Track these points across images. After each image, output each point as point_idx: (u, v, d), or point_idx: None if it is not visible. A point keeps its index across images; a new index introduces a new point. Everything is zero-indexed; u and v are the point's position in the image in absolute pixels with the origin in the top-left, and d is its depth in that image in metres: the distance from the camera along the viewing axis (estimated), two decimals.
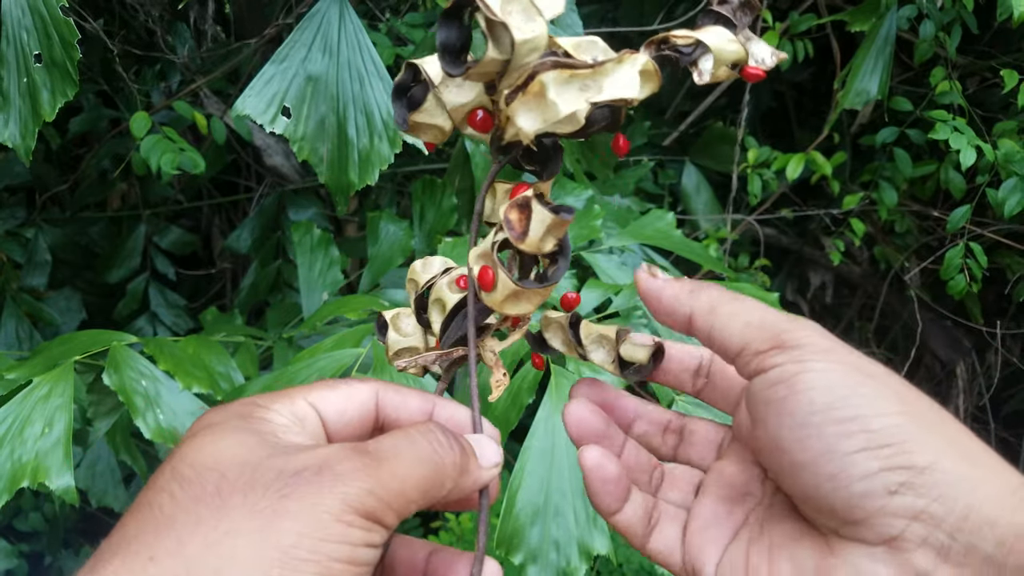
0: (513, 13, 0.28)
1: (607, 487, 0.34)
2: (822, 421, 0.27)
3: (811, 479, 0.28)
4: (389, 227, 1.04)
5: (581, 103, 0.28)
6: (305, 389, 0.32)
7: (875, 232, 1.55)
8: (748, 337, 0.30)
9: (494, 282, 0.33)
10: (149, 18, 1.17)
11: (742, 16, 0.31)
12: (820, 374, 0.28)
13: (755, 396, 0.30)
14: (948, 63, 1.22)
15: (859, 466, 0.27)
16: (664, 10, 1.44)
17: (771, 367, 0.29)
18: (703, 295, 0.32)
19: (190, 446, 0.28)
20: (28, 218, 1.25)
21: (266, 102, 0.84)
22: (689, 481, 0.37)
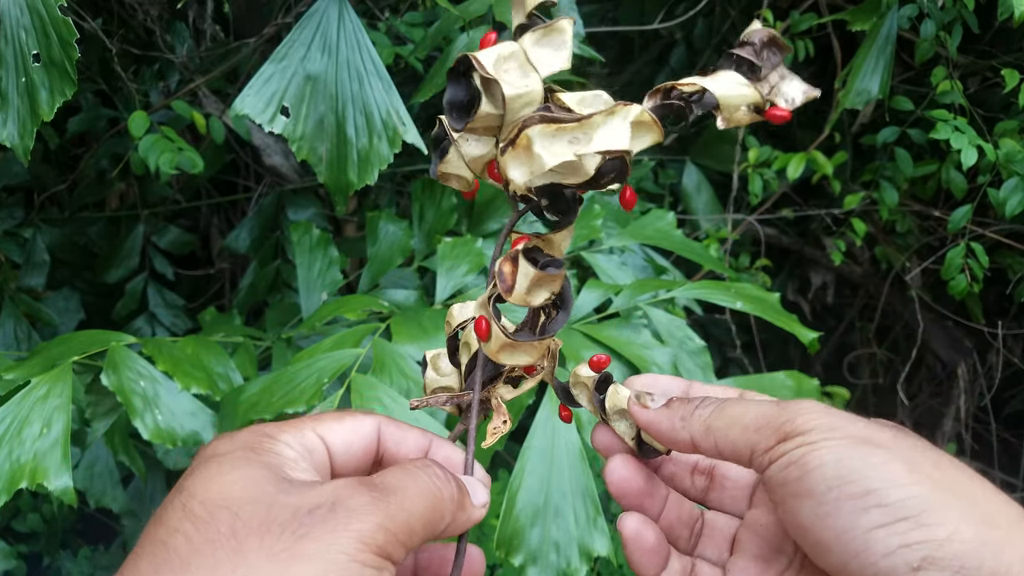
0: (510, 70, 0.30)
1: (646, 556, 0.35)
2: (838, 497, 0.27)
3: (838, 558, 0.28)
4: (388, 227, 1.04)
5: (570, 155, 0.29)
6: (313, 419, 0.32)
7: (876, 232, 1.55)
8: (752, 441, 0.30)
9: (488, 333, 0.33)
10: (148, 17, 1.17)
11: (770, 56, 0.31)
12: (828, 450, 0.28)
13: (771, 481, 0.30)
14: (949, 62, 1.21)
15: (880, 543, 0.26)
16: (664, 9, 1.44)
17: (782, 455, 0.29)
18: (695, 420, 0.33)
19: (200, 478, 0.28)
20: (26, 218, 1.25)
21: (265, 101, 0.83)
22: (725, 536, 0.37)
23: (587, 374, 0.37)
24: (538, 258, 0.32)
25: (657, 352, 0.79)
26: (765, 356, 1.59)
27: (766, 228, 1.55)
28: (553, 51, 0.32)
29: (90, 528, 1.55)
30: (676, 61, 1.63)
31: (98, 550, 1.52)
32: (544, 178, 0.30)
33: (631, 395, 0.35)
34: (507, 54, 0.30)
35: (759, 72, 0.30)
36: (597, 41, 1.62)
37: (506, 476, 1.27)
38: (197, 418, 0.77)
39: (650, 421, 0.34)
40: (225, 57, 1.20)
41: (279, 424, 0.31)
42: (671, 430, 0.33)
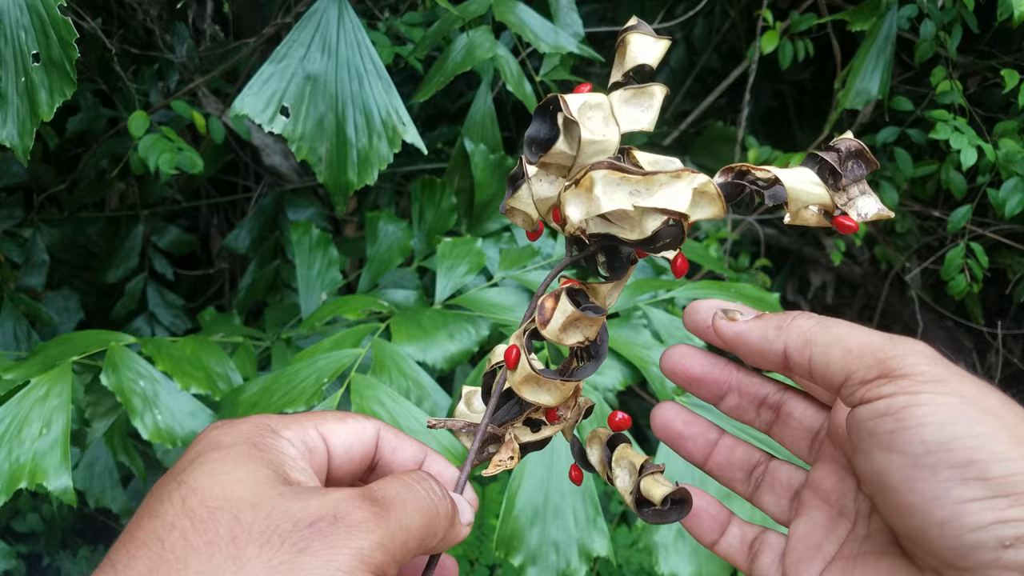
0: (593, 118, 0.31)
1: (694, 521, 0.36)
2: (936, 463, 0.26)
3: (918, 523, 0.27)
4: (388, 227, 1.04)
5: (627, 204, 0.29)
6: (317, 417, 0.32)
7: (876, 232, 1.55)
8: (851, 367, 0.29)
9: (516, 362, 0.34)
10: (147, 17, 1.17)
11: (854, 167, 0.30)
12: (932, 408, 0.26)
13: (859, 426, 0.28)
14: (949, 63, 1.21)
15: (973, 516, 0.25)
16: (664, 9, 1.44)
17: (878, 398, 0.28)
18: (794, 328, 0.31)
19: (200, 473, 0.27)
20: (26, 218, 1.25)
21: (265, 101, 0.83)
22: (787, 485, 0.35)
23: (605, 431, 0.38)
24: (580, 300, 0.33)
25: (657, 352, 0.79)
26: None
27: (766, 228, 1.55)
28: (640, 111, 0.33)
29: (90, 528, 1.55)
30: (675, 61, 1.63)
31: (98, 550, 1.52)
32: (601, 225, 0.31)
33: (716, 311, 0.33)
34: (594, 103, 0.31)
35: (839, 180, 0.30)
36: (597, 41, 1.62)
37: (506, 476, 1.27)
38: (197, 418, 0.77)
39: (739, 332, 0.32)
40: (225, 57, 1.20)
41: (282, 418, 0.31)
42: (763, 339, 0.31)
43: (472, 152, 1.03)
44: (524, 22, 0.98)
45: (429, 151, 0.92)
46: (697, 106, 1.52)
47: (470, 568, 1.23)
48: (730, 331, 0.33)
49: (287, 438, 0.30)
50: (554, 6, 1.10)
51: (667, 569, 0.70)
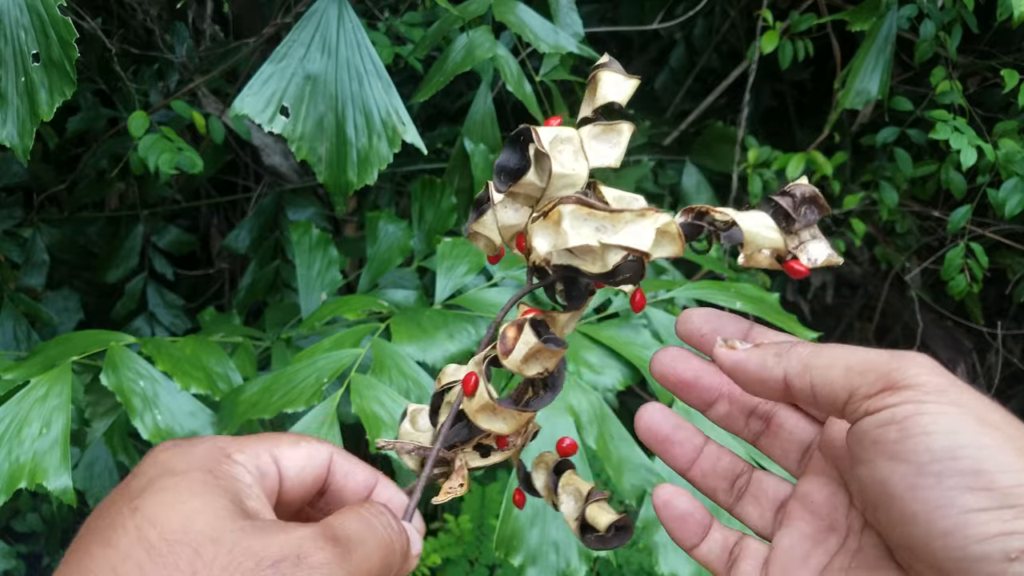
0: (564, 151, 0.31)
1: (677, 523, 0.35)
2: (941, 471, 0.26)
3: (921, 532, 0.26)
4: (388, 227, 1.04)
5: (593, 240, 0.30)
6: (271, 441, 0.31)
7: (876, 232, 1.55)
8: (853, 383, 0.28)
9: (474, 390, 0.34)
10: (147, 17, 1.17)
11: (807, 212, 0.31)
12: (937, 417, 0.26)
13: (862, 436, 0.28)
14: (948, 63, 1.21)
15: (978, 527, 0.25)
16: (664, 9, 1.44)
17: (883, 408, 0.27)
18: (792, 355, 0.31)
19: (156, 501, 0.26)
20: (26, 218, 1.25)
21: (264, 101, 0.83)
22: (772, 498, 0.35)
23: (551, 456, 0.39)
24: (542, 331, 0.33)
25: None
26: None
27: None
28: (608, 147, 0.33)
29: None
30: (675, 61, 1.63)
31: None
32: (564, 257, 0.32)
33: (718, 340, 0.33)
34: (565, 137, 0.32)
35: (792, 224, 0.31)
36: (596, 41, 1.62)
37: (505, 476, 1.27)
38: (196, 418, 0.77)
39: (738, 361, 0.32)
40: (225, 57, 1.20)
41: (236, 440, 0.30)
42: (761, 368, 0.31)
43: (472, 152, 1.03)
44: (524, 22, 0.98)
45: (429, 151, 0.92)
46: (697, 106, 1.52)
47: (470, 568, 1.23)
48: (729, 359, 0.32)
49: (241, 463, 0.29)
50: (554, 6, 1.10)
51: (667, 569, 0.70)
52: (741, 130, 1.39)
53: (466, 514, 1.26)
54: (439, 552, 1.21)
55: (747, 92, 1.36)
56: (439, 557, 1.21)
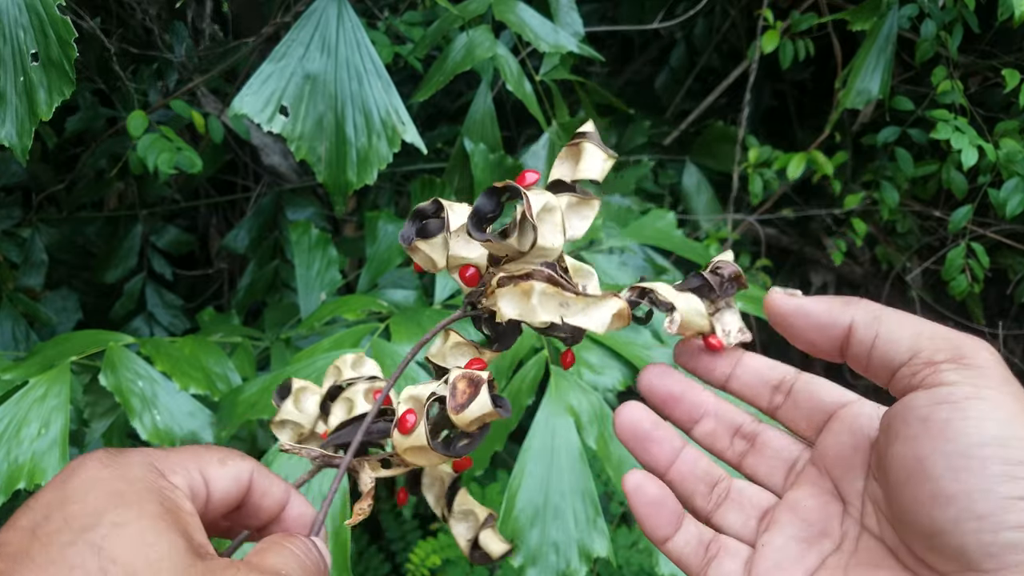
0: (545, 221, 0.33)
1: (649, 510, 0.33)
2: (988, 456, 0.25)
3: (954, 513, 0.26)
4: (388, 227, 1.04)
5: (556, 316, 0.33)
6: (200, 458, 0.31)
7: (877, 232, 1.55)
8: (920, 345, 0.28)
9: (411, 430, 0.34)
10: (146, 17, 1.16)
11: (728, 287, 0.35)
12: (995, 406, 0.26)
13: (911, 410, 0.28)
14: (949, 62, 1.21)
15: (1015, 514, 0.25)
16: (664, 9, 1.44)
17: (942, 383, 0.27)
18: (863, 304, 0.31)
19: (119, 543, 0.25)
20: (24, 218, 1.25)
21: (264, 101, 0.83)
22: (756, 505, 0.34)
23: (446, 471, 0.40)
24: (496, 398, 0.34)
25: (657, 352, 0.79)
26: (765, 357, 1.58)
27: (766, 228, 1.55)
28: (579, 220, 0.36)
29: None
30: (676, 61, 1.63)
31: None
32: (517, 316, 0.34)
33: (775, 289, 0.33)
34: (550, 207, 0.33)
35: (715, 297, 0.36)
36: (597, 41, 1.62)
37: (505, 476, 1.27)
38: (195, 418, 0.77)
39: (801, 304, 0.32)
40: (224, 56, 1.19)
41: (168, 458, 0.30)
42: (827, 312, 0.31)
43: (472, 152, 1.03)
44: (524, 21, 0.98)
45: (429, 151, 0.91)
46: (697, 106, 1.52)
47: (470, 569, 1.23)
48: (790, 304, 0.32)
49: (179, 487, 0.29)
50: (554, 5, 1.09)
51: (667, 570, 0.70)
52: (742, 130, 1.38)
53: None
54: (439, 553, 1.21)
55: (748, 92, 1.36)
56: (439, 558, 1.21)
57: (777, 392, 0.35)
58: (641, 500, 0.34)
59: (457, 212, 0.35)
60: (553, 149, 1.09)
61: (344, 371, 0.38)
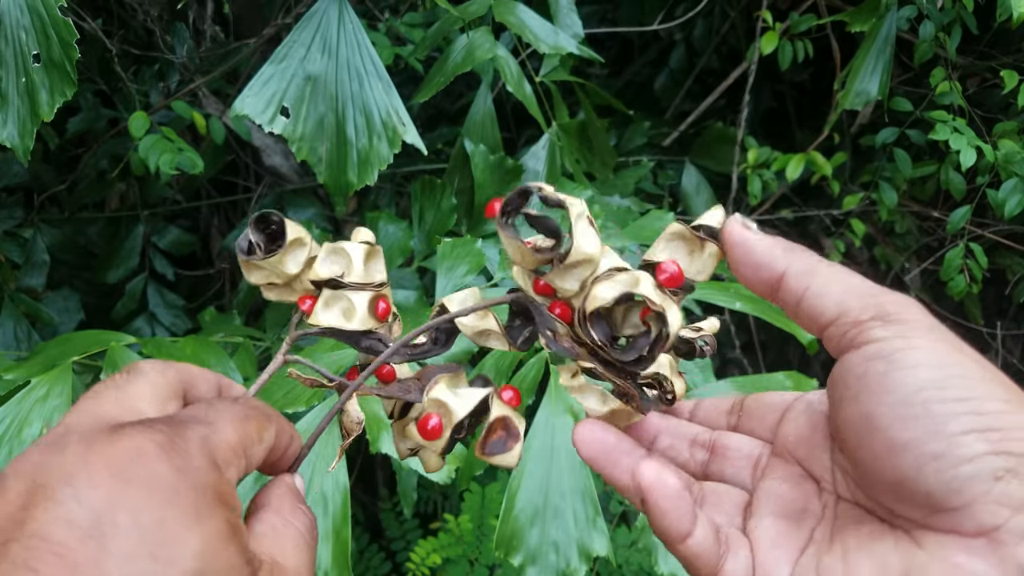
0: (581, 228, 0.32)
1: (671, 504, 0.30)
2: (928, 399, 0.26)
3: (912, 460, 0.26)
4: (388, 227, 1.04)
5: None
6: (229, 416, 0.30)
7: (875, 233, 1.55)
8: (847, 304, 0.29)
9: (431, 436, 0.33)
10: (148, 18, 1.17)
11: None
12: (926, 352, 0.27)
13: (848, 372, 0.28)
14: (948, 64, 1.21)
15: (967, 447, 0.25)
16: (664, 10, 1.44)
17: (871, 340, 0.28)
18: (801, 256, 0.31)
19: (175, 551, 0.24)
20: (26, 218, 1.25)
21: (265, 102, 0.83)
22: (733, 502, 0.34)
23: None
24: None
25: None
26: (764, 356, 1.59)
27: (766, 228, 1.55)
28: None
29: None
30: (675, 62, 1.63)
31: None
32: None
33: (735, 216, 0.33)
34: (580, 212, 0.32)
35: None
36: (596, 42, 1.62)
37: (505, 476, 1.27)
38: None
39: (747, 238, 0.31)
40: (225, 58, 1.20)
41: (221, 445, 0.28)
42: (769, 252, 0.31)
43: (472, 152, 1.04)
44: (524, 23, 0.98)
45: (429, 152, 0.92)
46: (697, 107, 1.52)
47: (470, 568, 1.23)
48: (740, 234, 0.32)
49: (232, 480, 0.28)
50: (554, 7, 1.10)
51: (666, 569, 0.70)
52: (741, 131, 1.39)
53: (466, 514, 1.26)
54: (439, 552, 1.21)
55: (747, 93, 1.37)
56: (439, 557, 1.21)
57: (731, 414, 0.36)
58: (664, 493, 0.30)
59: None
60: (553, 150, 1.09)
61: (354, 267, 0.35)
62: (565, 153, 1.12)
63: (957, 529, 0.26)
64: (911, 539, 0.28)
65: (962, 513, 0.26)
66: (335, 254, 0.35)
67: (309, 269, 0.35)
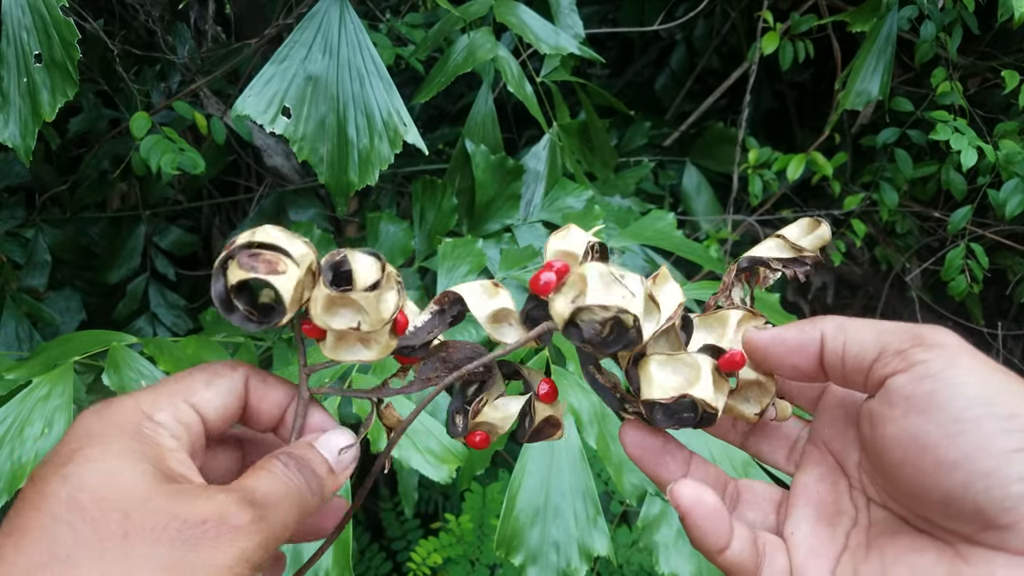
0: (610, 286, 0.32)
1: (710, 522, 0.32)
2: (978, 416, 0.26)
3: (961, 477, 0.26)
4: (389, 228, 1.04)
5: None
6: (186, 387, 0.32)
7: (876, 233, 1.55)
8: (885, 340, 0.30)
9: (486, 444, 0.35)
10: (149, 18, 1.17)
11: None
12: (970, 371, 0.27)
13: (894, 392, 0.29)
14: (949, 64, 1.21)
15: (1018, 466, 0.25)
16: (665, 11, 1.44)
17: (915, 363, 0.28)
18: (827, 319, 0.32)
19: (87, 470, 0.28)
20: (28, 218, 1.25)
21: (266, 102, 0.83)
22: (768, 499, 0.35)
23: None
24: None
25: None
26: None
27: (766, 229, 1.55)
28: None
29: None
30: (676, 62, 1.63)
31: None
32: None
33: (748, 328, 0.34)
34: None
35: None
36: (597, 42, 1.62)
37: (506, 476, 1.27)
38: None
39: (775, 334, 0.33)
40: (226, 58, 1.20)
41: (155, 397, 0.31)
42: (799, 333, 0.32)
43: (473, 153, 1.04)
44: (525, 23, 0.98)
45: (430, 152, 0.92)
46: (697, 107, 1.52)
47: (471, 568, 1.23)
48: (766, 336, 0.33)
49: (162, 423, 0.30)
50: (555, 7, 1.10)
51: (667, 569, 0.70)
52: (741, 131, 1.39)
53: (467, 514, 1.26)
54: (440, 552, 1.21)
55: (747, 93, 1.37)
56: (440, 557, 1.21)
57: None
58: (703, 512, 0.32)
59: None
60: (554, 150, 1.09)
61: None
62: (566, 153, 1.12)
63: (1005, 546, 0.26)
64: (956, 553, 0.28)
65: (1011, 531, 0.26)
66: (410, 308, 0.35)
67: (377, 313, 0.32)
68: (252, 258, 0.30)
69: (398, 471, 1.01)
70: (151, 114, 1.04)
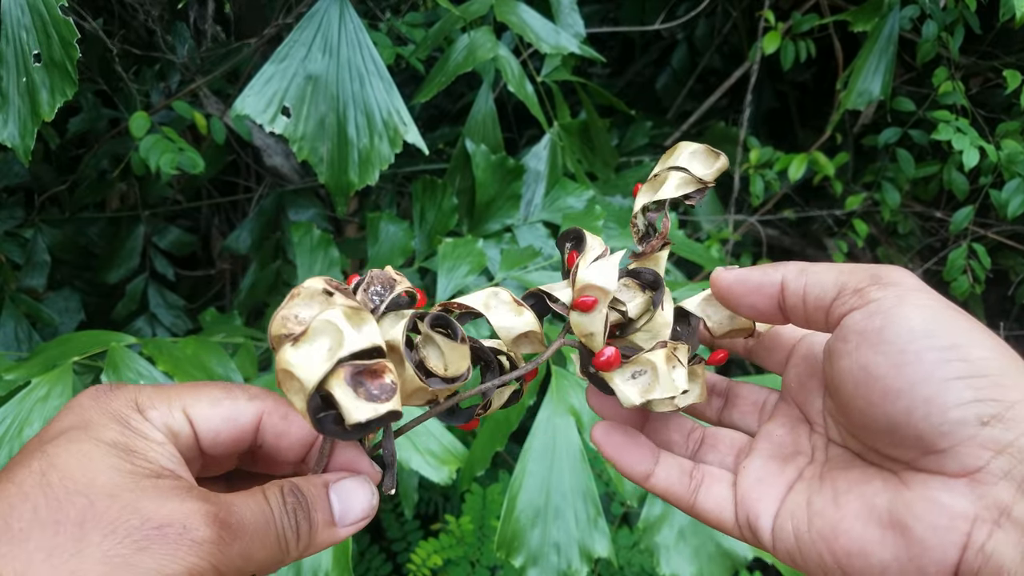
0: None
1: (622, 450, 0.36)
2: (921, 348, 0.28)
3: (904, 404, 0.28)
4: (389, 228, 1.04)
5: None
6: (189, 396, 0.32)
7: (878, 233, 1.55)
8: (844, 279, 0.31)
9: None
10: (149, 18, 1.17)
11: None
12: (919, 308, 0.29)
13: (849, 328, 0.30)
14: (951, 63, 1.21)
15: (955, 393, 0.27)
16: (666, 10, 1.44)
17: (870, 301, 0.30)
18: (789, 263, 0.34)
19: (65, 451, 0.28)
20: (27, 218, 1.25)
21: (266, 102, 0.83)
22: (731, 444, 0.37)
23: None
24: None
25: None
26: None
27: (768, 229, 1.55)
28: None
29: None
30: (677, 62, 1.63)
31: None
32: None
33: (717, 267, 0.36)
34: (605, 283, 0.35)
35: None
36: (598, 42, 1.62)
37: (506, 477, 1.27)
38: None
39: (740, 273, 0.35)
40: (226, 57, 1.20)
41: (153, 394, 0.31)
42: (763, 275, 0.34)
43: (473, 152, 1.03)
44: (525, 23, 0.98)
45: (430, 152, 0.92)
46: (699, 107, 1.52)
47: (471, 569, 1.23)
48: (731, 274, 0.35)
49: (152, 420, 0.30)
50: (555, 7, 1.10)
51: (668, 570, 0.70)
52: (743, 131, 1.39)
53: (467, 515, 1.25)
54: (440, 553, 1.21)
55: (749, 93, 1.36)
56: (440, 558, 1.21)
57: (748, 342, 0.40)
58: (611, 442, 0.36)
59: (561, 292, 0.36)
60: (555, 149, 1.09)
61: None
62: (567, 153, 1.11)
63: (942, 470, 0.28)
64: (899, 480, 0.29)
65: (948, 455, 0.27)
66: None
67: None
68: (359, 376, 0.27)
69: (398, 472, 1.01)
70: (150, 114, 1.04)
